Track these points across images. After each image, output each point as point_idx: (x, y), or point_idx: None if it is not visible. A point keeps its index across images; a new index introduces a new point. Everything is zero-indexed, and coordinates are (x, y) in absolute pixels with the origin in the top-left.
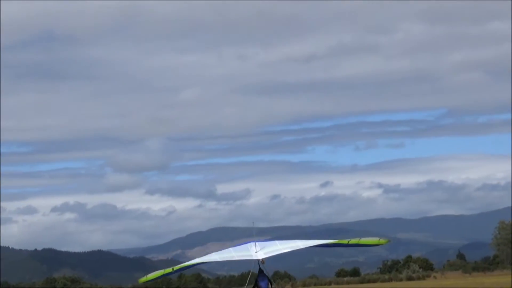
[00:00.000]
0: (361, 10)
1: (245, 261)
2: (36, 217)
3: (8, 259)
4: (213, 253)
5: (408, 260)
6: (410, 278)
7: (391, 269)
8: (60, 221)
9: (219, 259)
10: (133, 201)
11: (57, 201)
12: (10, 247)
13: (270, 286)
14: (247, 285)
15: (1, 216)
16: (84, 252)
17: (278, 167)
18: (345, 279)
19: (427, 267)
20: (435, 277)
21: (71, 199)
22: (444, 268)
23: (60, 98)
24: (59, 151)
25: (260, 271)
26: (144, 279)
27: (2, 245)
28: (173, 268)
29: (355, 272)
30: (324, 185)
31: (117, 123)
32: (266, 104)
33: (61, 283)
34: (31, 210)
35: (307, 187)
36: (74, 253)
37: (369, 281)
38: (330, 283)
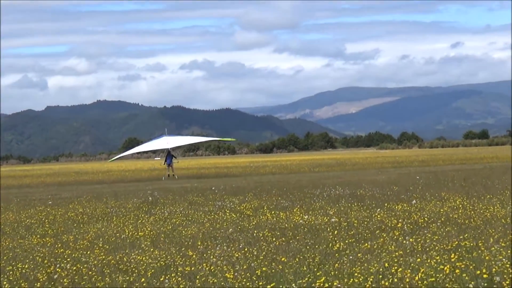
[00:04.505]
0: None
1: None
2: (165, 75)
3: (137, 116)
4: (144, 144)
5: None
6: None
7: None
8: (189, 78)
9: (146, 149)
10: (261, 59)
11: (186, 58)
12: (140, 104)
13: (172, 160)
14: (165, 162)
15: (131, 73)
16: (213, 110)
17: (409, 27)
18: (473, 141)
19: None
20: None
21: (199, 57)
22: None
23: None
24: (189, 8)
25: (169, 152)
26: (110, 161)
27: (131, 102)
28: (116, 157)
29: (483, 135)
30: (455, 45)
31: None
32: None
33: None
34: (159, 67)
35: (437, 47)
36: (203, 111)
37: (497, 144)
38: (457, 145)
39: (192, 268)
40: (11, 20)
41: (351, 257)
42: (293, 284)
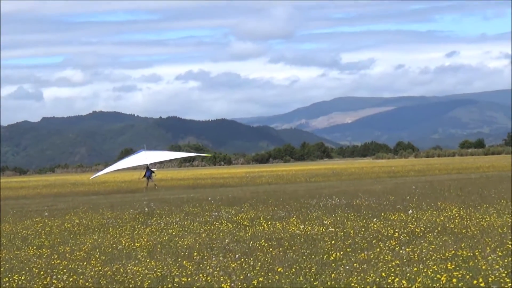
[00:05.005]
0: None
1: None
2: (161, 85)
3: (133, 127)
4: (123, 160)
5: None
6: None
7: None
8: (184, 89)
9: (127, 165)
10: (256, 69)
11: (181, 69)
12: (136, 115)
13: (151, 174)
14: (144, 175)
15: (126, 83)
16: (208, 120)
17: (404, 36)
18: (469, 150)
19: None
20: None
21: (195, 67)
22: None
23: None
24: (184, 18)
25: (148, 167)
26: (92, 178)
27: (127, 113)
28: (97, 175)
29: (479, 144)
30: (450, 54)
31: None
32: None
33: (185, 151)
34: (155, 78)
35: (432, 57)
36: (199, 121)
37: (493, 153)
38: (453, 155)
39: (189, 279)
40: (5, 31)
41: (347, 267)
42: None
